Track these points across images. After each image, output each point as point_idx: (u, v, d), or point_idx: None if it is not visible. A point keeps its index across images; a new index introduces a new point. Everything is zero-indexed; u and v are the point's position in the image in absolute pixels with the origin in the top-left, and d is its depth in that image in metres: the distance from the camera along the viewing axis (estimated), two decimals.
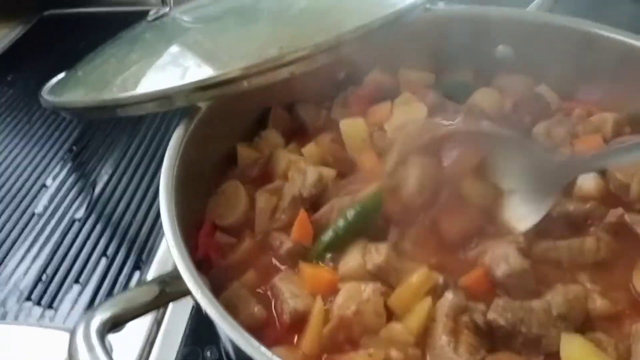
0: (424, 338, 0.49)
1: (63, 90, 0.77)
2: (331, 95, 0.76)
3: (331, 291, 0.53)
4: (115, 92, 0.67)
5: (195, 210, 0.60)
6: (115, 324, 0.42)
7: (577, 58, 0.70)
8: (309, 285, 0.54)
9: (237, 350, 0.50)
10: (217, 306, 0.43)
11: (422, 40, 0.76)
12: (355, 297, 0.50)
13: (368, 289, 0.50)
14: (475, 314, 0.49)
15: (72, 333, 0.40)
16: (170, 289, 0.47)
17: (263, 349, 0.40)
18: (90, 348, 0.38)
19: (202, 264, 0.55)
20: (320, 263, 0.55)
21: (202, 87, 0.61)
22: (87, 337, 0.39)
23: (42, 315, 0.66)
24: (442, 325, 0.48)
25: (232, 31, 0.72)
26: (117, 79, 0.70)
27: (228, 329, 0.41)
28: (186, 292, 0.46)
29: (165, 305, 0.59)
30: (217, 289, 0.51)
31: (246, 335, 0.41)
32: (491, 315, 0.48)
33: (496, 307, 0.49)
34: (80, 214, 0.80)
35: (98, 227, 0.77)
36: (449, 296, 0.49)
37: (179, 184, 0.54)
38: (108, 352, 0.39)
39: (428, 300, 0.50)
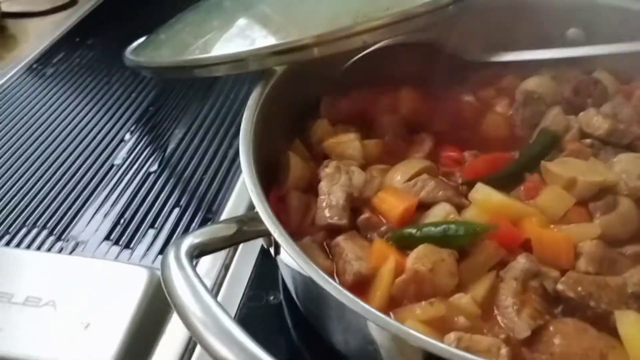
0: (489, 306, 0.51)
1: (145, 51, 0.83)
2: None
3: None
4: (194, 54, 0.72)
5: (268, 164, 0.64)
6: (201, 252, 0.47)
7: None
8: (375, 259, 0.55)
9: (305, 290, 0.55)
10: (292, 244, 0.47)
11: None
12: (430, 256, 0.52)
13: (443, 252, 0.52)
14: (547, 280, 0.51)
15: (164, 254, 0.45)
16: (247, 227, 0.51)
17: (336, 284, 0.44)
18: (180, 267, 0.43)
19: None
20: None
21: (276, 52, 0.65)
22: (177, 257, 0.44)
23: (119, 254, 0.72)
24: (509, 288, 0.50)
25: (307, 2, 0.76)
26: (196, 43, 0.75)
27: (303, 264, 0.45)
28: (262, 232, 0.51)
29: (242, 242, 0.63)
30: None
31: (321, 271, 0.44)
32: (561, 286, 0.50)
33: (568, 279, 0.50)
34: (154, 167, 0.85)
35: (172, 181, 0.83)
36: (521, 260, 0.51)
37: (256, 135, 0.58)
38: (196, 272, 0.43)
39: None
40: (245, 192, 0.78)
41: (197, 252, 0.46)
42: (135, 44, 0.87)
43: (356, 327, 0.46)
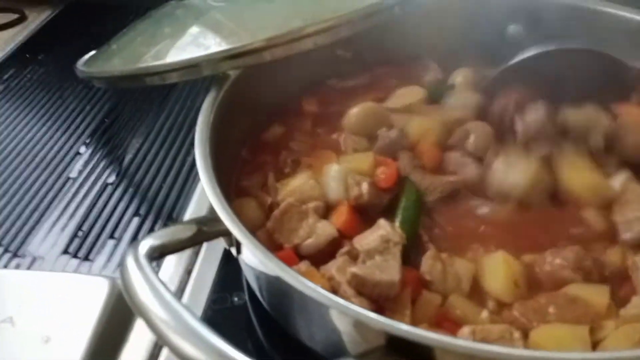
0: None
1: (97, 62, 0.82)
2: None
3: None
4: (147, 62, 0.72)
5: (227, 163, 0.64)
6: (161, 253, 0.47)
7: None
8: None
9: (268, 286, 0.55)
10: (252, 238, 0.47)
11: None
12: None
13: None
14: None
15: (123, 256, 0.44)
16: (207, 227, 0.51)
17: (298, 275, 0.44)
18: (140, 268, 0.43)
19: None
20: None
21: (229, 56, 0.65)
22: (136, 259, 0.44)
23: (79, 266, 0.71)
24: None
25: (257, 8, 0.77)
26: (148, 51, 0.75)
27: (264, 258, 0.45)
28: (222, 232, 0.51)
29: (202, 244, 0.64)
30: None
31: (278, 260, 0.45)
32: None
33: None
34: (112, 179, 0.84)
35: (130, 191, 0.82)
36: None
37: (213, 137, 0.58)
38: (156, 273, 0.43)
39: None
40: (205, 197, 0.77)
41: (157, 254, 0.46)
42: (87, 56, 0.86)
43: (318, 316, 0.46)
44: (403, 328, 0.39)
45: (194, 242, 0.51)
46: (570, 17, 0.75)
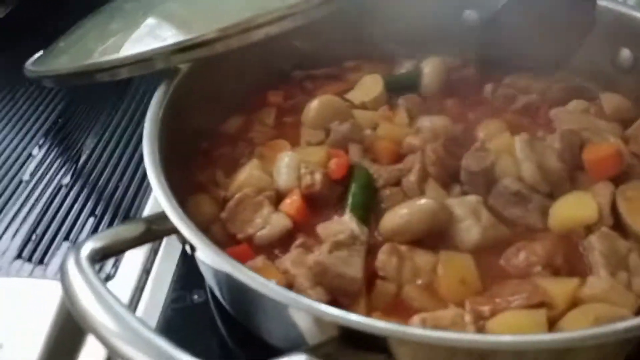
0: None
1: (46, 61, 0.80)
2: None
3: None
4: (96, 58, 0.70)
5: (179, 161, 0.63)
6: (104, 254, 0.46)
7: None
8: None
9: (225, 283, 0.54)
10: (201, 235, 0.46)
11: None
12: None
13: None
14: None
15: (63, 261, 0.43)
16: (156, 226, 0.50)
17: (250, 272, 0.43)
18: (81, 271, 0.42)
19: None
20: None
21: (181, 48, 0.64)
22: (78, 263, 0.42)
23: (33, 271, 0.69)
24: None
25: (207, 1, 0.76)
26: (98, 47, 0.73)
27: (211, 254, 0.44)
28: (172, 230, 0.50)
29: (150, 242, 0.62)
30: None
31: (228, 257, 0.44)
32: None
33: None
34: (67, 180, 0.82)
35: (85, 191, 0.80)
36: None
37: (164, 133, 0.57)
38: (98, 276, 0.42)
39: None
40: None
41: (99, 256, 0.45)
42: (36, 55, 0.84)
43: (274, 311, 0.46)
44: (354, 319, 0.39)
45: (141, 241, 0.50)
46: None
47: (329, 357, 0.39)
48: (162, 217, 0.50)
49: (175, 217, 0.48)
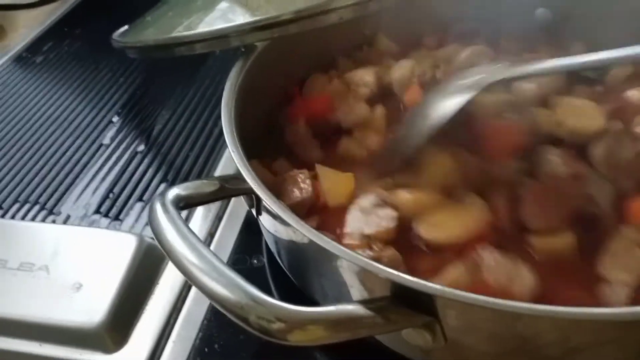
0: None
1: (131, 33, 0.86)
2: None
3: None
4: (178, 32, 0.75)
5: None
6: (186, 203, 0.50)
7: None
8: None
9: (287, 246, 0.58)
10: (273, 197, 0.50)
11: None
12: None
13: None
14: None
15: (151, 203, 0.48)
16: (229, 185, 0.54)
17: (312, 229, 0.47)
18: (166, 211, 0.46)
19: None
20: None
21: (257, 27, 0.68)
22: (163, 204, 0.47)
23: (109, 225, 0.75)
24: None
25: None
26: (180, 23, 0.78)
27: (278, 210, 0.48)
28: (244, 190, 0.54)
29: (224, 199, 0.66)
30: None
31: (293, 214, 0.48)
32: None
33: None
34: (141, 147, 0.88)
35: (158, 159, 0.86)
36: None
37: (239, 103, 0.61)
38: (182, 219, 0.46)
39: None
40: (229, 166, 0.82)
41: (182, 203, 0.49)
42: (123, 28, 0.90)
43: (330, 269, 0.49)
44: (406, 277, 0.42)
45: (217, 197, 0.54)
46: None
47: (380, 311, 0.42)
48: (235, 177, 0.54)
49: (250, 178, 0.51)
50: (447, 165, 0.61)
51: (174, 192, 0.49)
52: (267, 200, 0.49)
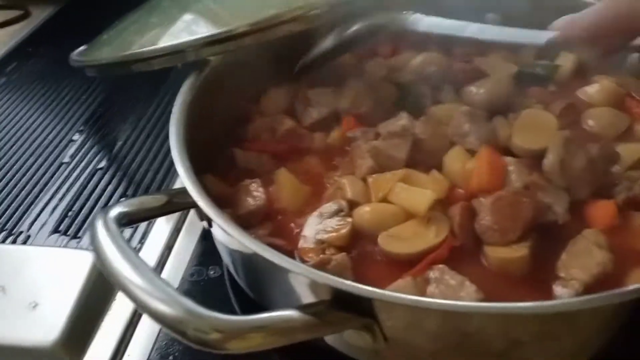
0: None
1: (89, 51, 0.87)
2: None
3: None
4: (134, 49, 0.76)
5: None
6: (130, 220, 0.51)
7: None
8: None
9: (239, 258, 0.58)
10: (218, 210, 0.51)
11: None
12: None
13: None
14: None
15: (92, 221, 0.48)
16: (176, 199, 0.55)
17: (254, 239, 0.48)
18: (108, 229, 0.47)
19: None
20: None
21: (211, 42, 0.69)
22: (105, 223, 0.47)
23: (68, 243, 0.75)
24: None
25: None
26: (137, 40, 0.79)
27: (222, 223, 0.49)
28: (191, 204, 0.54)
29: (170, 213, 0.67)
30: None
31: (237, 227, 0.49)
32: None
33: None
34: (102, 163, 0.89)
35: (119, 175, 0.86)
36: None
37: (189, 119, 0.62)
38: (123, 237, 0.47)
39: None
40: None
41: (125, 220, 0.50)
42: (82, 47, 0.91)
43: (280, 282, 0.50)
44: (342, 282, 0.43)
45: (163, 211, 0.55)
46: None
47: (317, 315, 0.43)
48: (182, 191, 0.55)
49: (195, 193, 0.52)
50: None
51: (117, 209, 0.50)
52: (209, 211, 0.50)
